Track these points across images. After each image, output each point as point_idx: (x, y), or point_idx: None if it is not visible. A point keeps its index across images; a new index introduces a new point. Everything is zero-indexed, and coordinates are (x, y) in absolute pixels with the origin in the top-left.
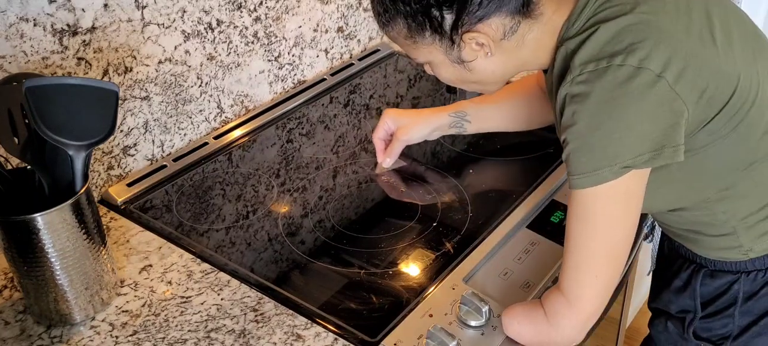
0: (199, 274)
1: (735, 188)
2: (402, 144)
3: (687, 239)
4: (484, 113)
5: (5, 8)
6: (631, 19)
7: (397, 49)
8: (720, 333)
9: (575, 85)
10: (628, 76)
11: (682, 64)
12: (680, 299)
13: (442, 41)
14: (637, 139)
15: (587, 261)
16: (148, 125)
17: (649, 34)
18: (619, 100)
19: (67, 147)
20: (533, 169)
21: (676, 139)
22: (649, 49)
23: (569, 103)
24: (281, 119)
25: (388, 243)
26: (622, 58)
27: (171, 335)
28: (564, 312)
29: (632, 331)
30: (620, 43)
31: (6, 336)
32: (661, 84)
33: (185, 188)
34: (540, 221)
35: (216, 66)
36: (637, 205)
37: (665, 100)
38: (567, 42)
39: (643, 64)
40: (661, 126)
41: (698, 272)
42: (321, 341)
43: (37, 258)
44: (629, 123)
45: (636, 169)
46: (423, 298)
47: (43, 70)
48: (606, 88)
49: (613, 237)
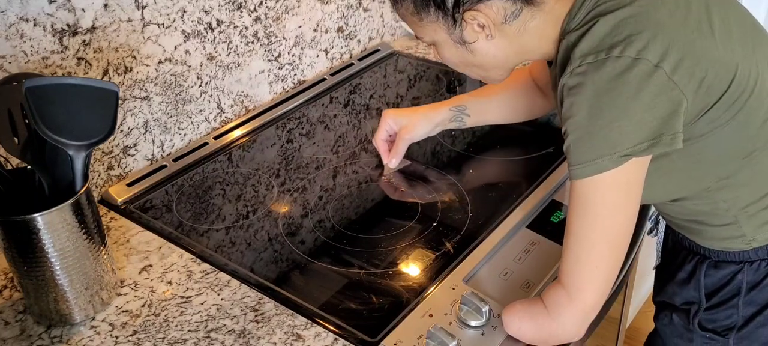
0: (199, 274)
1: (735, 176)
2: (406, 143)
3: (690, 231)
4: (482, 106)
5: (5, 8)
6: (629, 11)
7: (398, 48)
8: (724, 324)
9: (573, 77)
10: (626, 66)
11: (679, 55)
12: (685, 291)
13: (446, 19)
14: (636, 128)
15: (588, 252)
16: (148, 125)
17: (646, 25)
18: (618, 91)
19: (67, 147)
20: (533, 169)
21: (675, 127)
22: (646, 41)
23: (567, 94)
24: (281, 119)
25: (388, 243)
26: (620, 49)
27: (171, 335)
28: (565, 305)
29: (632, 331)
30: (619, 35)
31: (6, 336)
32: (659, 74)
33: (185, 188)
34: (540, 221)
35: (216, 66)
36: (637, 194)
37: (663, 90)
38: (568, 34)
39: (641, 55)
40: (660, 115)
41: (702, 263)
42: (321, 341)
43: (37, 258)
44: (628, 112)
45: (635, 157)
46: (423, 298)
47: (43, 70)
48: (604, 79)
49: (613, 227)
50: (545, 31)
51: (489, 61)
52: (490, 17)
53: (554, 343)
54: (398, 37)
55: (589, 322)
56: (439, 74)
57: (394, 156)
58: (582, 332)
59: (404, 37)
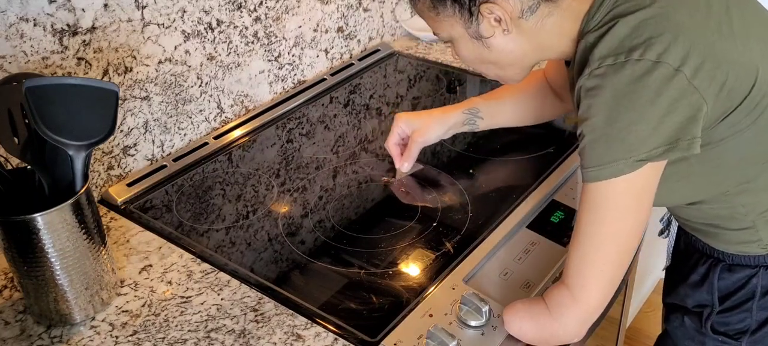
0: (199, 274)
1: (755, 181)
2: (419, 146)
3: (705, 233)
4: (495, 109)
5: (5, 8)
6: (649, 12)
7: (398, 48)
8: (737, 328)
9: (592, 79)
10: (645, 70)
11: (700, 58)
12: (697, 294)
13: (462, 13)
14: (654, 133)
15: (594, 254)
16: (148, 125)
17: (667, 27)
18: (637, 94)
19: (67, 147)
20: (533, 170)
21: (692, 132)
22: (667, 43)
23: (585, 96)
24: (281, 119)
25: (388, 243)
26: (640, 52)
27: (171, 335)
28: (568, 305)
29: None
30: (638, 37)
31: (6, 336)
32: (679, 78)
33: (185, 188)
34: (540, 221)
35: (216, 66)
36: (650, 199)
37: (683, 94)
38: (587, 35)
39: (662, 59)
40: (678, 120)
41: (716, 266)
42: (321, 341)
43: (37, 258)
44: (646, 116)
45: (651, 162)
46: (423, 298)
47: (43, 70)
48: (623, 81)
49: (623, 231)
50: (563, 29)
51: (505, 57)
52: (507, 11)
53: (555, 343)
54: (398, 37)
55: (590, 324)
56: (439, 74)
57: (406, 160)
58: (583, 332)
59: (404, 37)
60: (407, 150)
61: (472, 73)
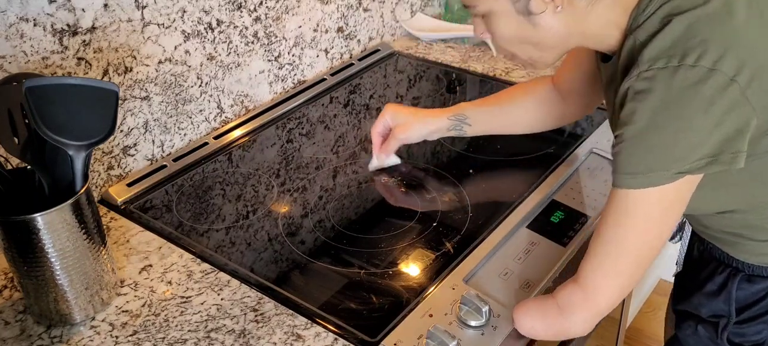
0: (199, 274)
1: None
2: (398, 142)
3: (726, 243)
4: (484, 116)
5: (5, 8)
6: (704, 11)
7: (398, 48)
8: (754, 339)
9: (641, 81)
10: (700, 78)
11: (755, 67)
12: (713, 303)
13: None
14: (700, 144)
15: (615, 260)
16: (148, 125)
17: (723, 32)
18: (688, 103)
19: (67, 147)
20: (533, 169)
21: (737, 146)
22: (723, 49)
23: (631, 98)
24: (281, 119)
25: (388, 243)
26: (694, 57)
27: (171, 335)
28: (579, 304)
29: (632, 331)
30: (693, 39)
31: (6, 336)
32: (733, 88)
33: (185, 188)
34: (540, 221)
35: (216, 66)
36: (680, 211)
37: (735, 106)
38: (636, 31)
39: (717, 66)
40: (726, 132)
41: (735, 277)
42: (321, 341)
43: (37, 258)
44: (694, 126)
45: (691, 175)
46: (423, 298)
47: (43, 70)
48: (675, 87)
49: (647, 241)
50: (611, 18)
51: (549, 39)
52: None
53: (562, 339)
54: (398, 37)
55: (598, 321)
56: (439, 74)
57: (383, 152)
58: (589, 329)
59: (404, 37)
60: (386, 143)
61: (472, 73)
